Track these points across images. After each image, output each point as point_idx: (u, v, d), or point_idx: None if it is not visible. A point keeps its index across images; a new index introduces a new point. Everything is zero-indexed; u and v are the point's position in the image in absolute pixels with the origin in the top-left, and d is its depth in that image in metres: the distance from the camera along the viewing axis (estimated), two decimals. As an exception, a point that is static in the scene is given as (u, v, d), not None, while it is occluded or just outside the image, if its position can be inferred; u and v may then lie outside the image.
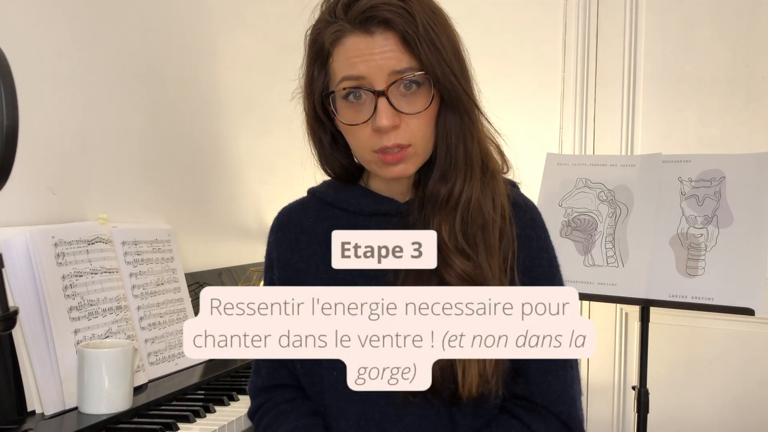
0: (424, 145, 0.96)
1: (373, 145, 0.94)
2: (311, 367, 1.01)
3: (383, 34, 0.91)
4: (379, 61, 0.91)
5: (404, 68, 0.91)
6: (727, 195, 1.78)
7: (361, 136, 0.94)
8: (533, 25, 2.55)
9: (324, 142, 1.03)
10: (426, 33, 0.91)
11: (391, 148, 0.93)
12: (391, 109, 0.91)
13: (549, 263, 1.02)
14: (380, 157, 0.94)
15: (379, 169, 0.97)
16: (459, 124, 0.96)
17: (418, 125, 0.93)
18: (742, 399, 2.26)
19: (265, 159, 2.24)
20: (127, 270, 1.53)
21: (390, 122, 0.91)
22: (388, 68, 0.91)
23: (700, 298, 1.73)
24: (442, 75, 0.92)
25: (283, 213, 1.10)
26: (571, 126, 2.50)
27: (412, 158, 0.95)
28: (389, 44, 0.91)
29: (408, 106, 0.92)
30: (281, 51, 2.25)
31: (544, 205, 1.93)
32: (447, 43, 0.94)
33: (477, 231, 0.95)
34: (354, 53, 0.92)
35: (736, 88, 2.28)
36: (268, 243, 1.09)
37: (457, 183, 0.95)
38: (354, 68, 0.92)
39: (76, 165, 1.57)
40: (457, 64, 0.95)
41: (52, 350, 1.28)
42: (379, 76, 0.91)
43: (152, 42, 1.81)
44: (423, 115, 0.93)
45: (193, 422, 1.31)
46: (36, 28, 1.48)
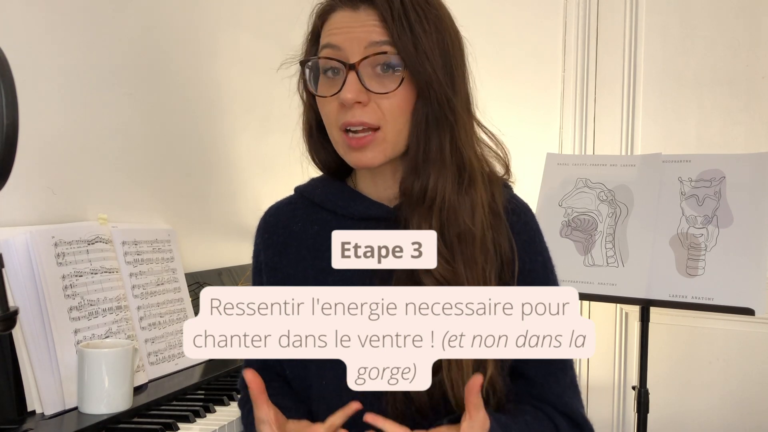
0: (395, 133, 0.93)
1: (338, 119, 0.93)
2: (299, 372, 1.00)
3: (366, 10, 0.93)
4: (357, 32, 0.92)
5: (381, 41, 0.91)
6: (727, 195, 1.78)
7: (330, 111, 0.94)
8: (533, 25, 2.55)
9: (313, 129, 1.03)
10: (405, 13, 0.91)
11: (356, 125, 0.91)
12: (358, 84, 0.91)
13: (544, 266, 1.01)
14: (345, 138, 0.93)
15: (346, 153, 0.95)
16: (434, 116, 0.93)
17: (389, 108, 0.92)
18: (742, 399, 2.26)
19: (265, 159, 2.24)
20: (127, 270, 1.53)
21: (353, 95, 0.90)
22: (365, 40, 0.91)
23: (700, 298, 1.73)
24: (416, 60, 0.91)
25: (270, 213, 1.09)
26: (571, 126, 2.51)
27: (380, 145, 0.93)
28: (371, 20, 0.92)
29: (377, 86, 0.92)
30: (281, 51, 2.25)
31: (544, 205, 1.93)
32: (433, 31, 0.93)
33: (453, 238, 0.92)
34: (337, 25, 0.94)
35: (736, 88, 2.28)
36: (255, 244, 1.08)
37: (430, 178, 0.93)
38: (333, 38, 0.93)
39: (76, 165, 1.57)
40: (438, 56, 0.93)
41: (52, 350, 1.28)
42: (355, 49, 0.91)
43: (152, 42, 1.81)
44: (394, 100, 0.92)
45: (193, 422, 1.31)
46: (36, 28, 1.48)
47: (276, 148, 2.22)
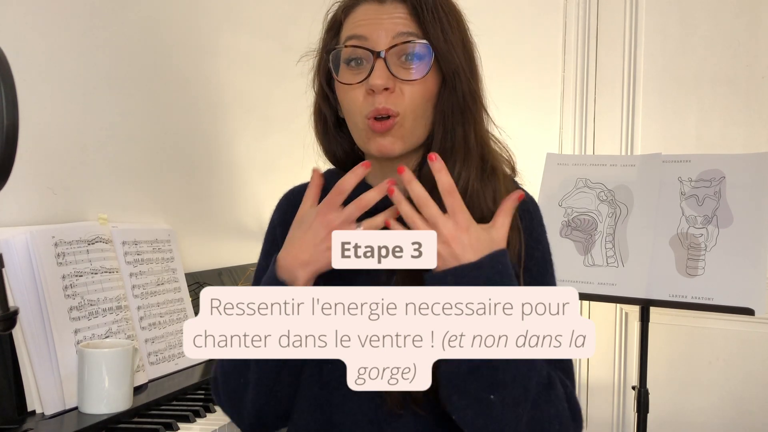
0: (413, 119, 0.95)
1: (365, 107, 0.94)
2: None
3: (393, 3, 0.95)
4: (385, 23, 0.94)
5: (409, 31, 0.93)
6: (727, 195, 1.78)
7: (355, 98, 0.95)
8: (533, 25, 2.55)
9: (328, 121, 1.03)
10: (435, 9, 0.94)
11: (383, 113, 0.93)
12: (386, 71, 0.92)
13: (543, 257, 1.00)
14: (370, 123, 0.94)
15: (367, 140, 0.96)
16: (459, 107, 0.96)
17: (411, 95, 0.94)
18: (741, 399, 2.26)
19: (265, 159, 2.24)
20: (127, 270, 1.53)
21: (383, 81, 0.92)
22: (393, 30, 0.93)
23: (700, 298, 1.73)
24: (446, 50, 0.94)
25: (293, 193, 1.10)
26: (571, 126, 2.51)
27: (398, 131, 0.94)
28: (398, 12, 0.94)
29: (405, 73, 0.94)
30: (281, 51, 2.25)
31: (544, 205, 1.92)
32: (456, 28, 0.96)
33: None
34: (363, 17, 0.96)
35: (736, 88, 2.28)
36: (272, 220, 1.09)
37: (455, 167, 0.94)
38: (359, 29, 0.95)
39: (76, 165, 1.57)
40: (462, 51, 0.96)
41: (52, 350, 1.28)
42: (383, 38, 0.93)
43: (152, 42, 1.81)
44: (418, 87, 0.94)
45: (193, 422, 1.31)
46: (36, 28, 1.48)
47: (276, 148, 2.22)
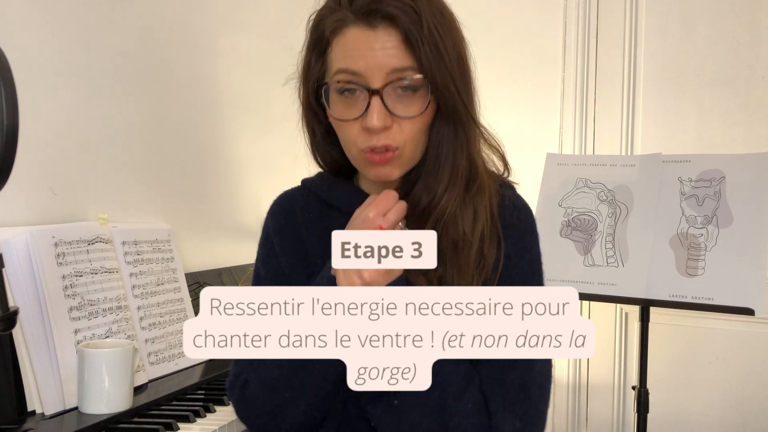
0: (413, 149, 0.93)
1: (361, 143, 0.91)
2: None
3: (386, 29, 0.88)
4: (378, 57, 0.88)
5: (404, 67, 0.88)
6: (727, 195, 1.78)
7: (350, 132, 0.92)
8: (533, 25, 2.55)
9: (317, 132, 1.00)
10: (430, 35, 0.88)
11: (380, 148, 0.90)
12: (384, 110, 0.88)
13: (530, 264, 0.98)
14: (367, 156, 0.91)
15: (365, 167, 0.94)
16: (452, 136, 0.93)
17: (411, 129, 0.91)
18: (741, 399, 2.26)
19: (265, 159, 2.24)
20: (127, 270, 1.53)
21: (381, 123, 0.88)
22: (387, 66, 0.88)
23: (700, 298, 1.73)
24: (441, 81, 0.89)
25: (286, 199, 1.08)
26: (571, 126, 2.50)
27: (398, 161, 0.92)
28: (391, 41, 0.88)
29: (402, 109, 0.90)
30: (281, 51, 2.25)
31: (544, 205, 1.93)
32: (451, 48, 0.91)
33: (447, 247, 0.92)
34: (353, 46, 0.89)
35: (736, 88, 2.28)
36: (265, 227, 1.07)
37: (438, 188, 0.93)
38: (351, 62, 0.89)
39: (76, 165, 1.57)
40: (459, 72, 0.92)
41: (52, 350, 1.29)
42: (377, 74, 0.88)
43: (152, 42, 1.81)
44: (417, 120, 0.91)
45: (193, 422, 1.31)
46: (36, 28, 1.48)
47: (276, 148, 2.22)
